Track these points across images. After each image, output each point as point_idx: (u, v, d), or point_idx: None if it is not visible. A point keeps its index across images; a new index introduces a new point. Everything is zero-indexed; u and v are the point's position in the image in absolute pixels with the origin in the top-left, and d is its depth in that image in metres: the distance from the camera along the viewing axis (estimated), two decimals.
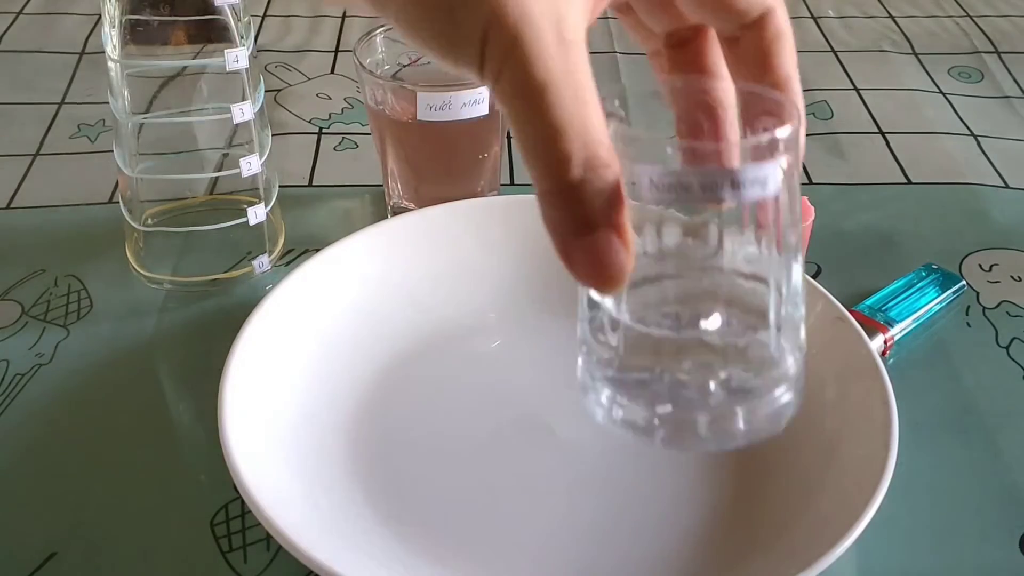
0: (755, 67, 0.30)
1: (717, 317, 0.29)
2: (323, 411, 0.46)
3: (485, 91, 0.53)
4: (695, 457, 0.45)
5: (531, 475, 0.45)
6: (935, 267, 0.56)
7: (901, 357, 0.51)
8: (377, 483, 0.44)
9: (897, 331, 0.51)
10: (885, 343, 0.50)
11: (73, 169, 0.64)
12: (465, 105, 0.53)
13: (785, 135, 0.27)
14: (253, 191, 0.53)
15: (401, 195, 0.58)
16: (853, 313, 0.49)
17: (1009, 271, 0.58)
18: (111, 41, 0.49)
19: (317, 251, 0.51)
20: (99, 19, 0.75)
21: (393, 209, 0.59)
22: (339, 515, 0.41)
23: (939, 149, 0.69)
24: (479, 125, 0.54)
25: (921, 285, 0.54)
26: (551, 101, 0.25)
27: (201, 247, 0.55)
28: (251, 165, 0.52)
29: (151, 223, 0.55)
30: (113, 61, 0.49)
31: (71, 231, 0.59)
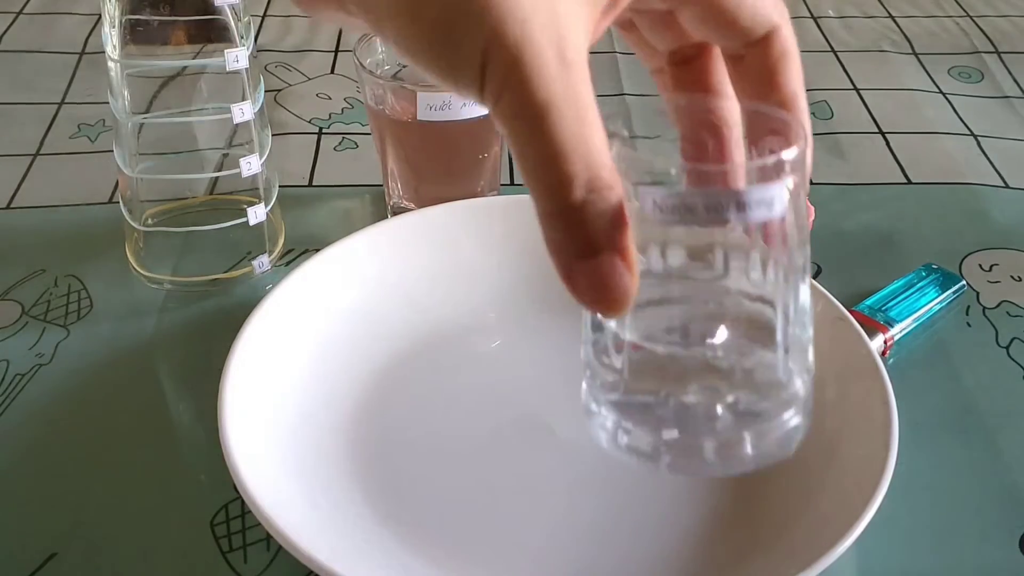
0: (760, 86, 0.30)
1: (723, 337, 0.29)
2: (323, 411, 0.46)
3: None
4: None
5: (531, 475, 0.45)
6: (935, 267, 0.56)
7: (901, 357, 0.51)
8: (377, 483, 0.44)
9: (897, 331, 0.51)
10: (885, 343, 0.50)
11: (73, 169, 0.64)
12: (465, 105, 0.53)
13: (791, 156, 0.27)
14: (253, 191, 0.53)
15: (401, 195, 0.58)
16: (853, 313, 0.49)
17: (1009, 271, 0.58)
18: (111, 41, 0.49)
19: (317, 251, 0.51)
20: (99, 19, 0.75)
21: (393, 209, 0.59)
22: (339, 515, 0.41)
23: (939, 149, 0.69)
24: (479, 125, 0.54)
25: (921, 285, 0.54)
26: (553, 122, 0.25)
27: (201, 247, 0.55)
28: (251, 165, 0.52)
29: (151, 223, 0.55)
30: (113, 61, 0.49)
31: (71, 231, 0.59)
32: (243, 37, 0.50)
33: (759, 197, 0.26)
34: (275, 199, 0.55)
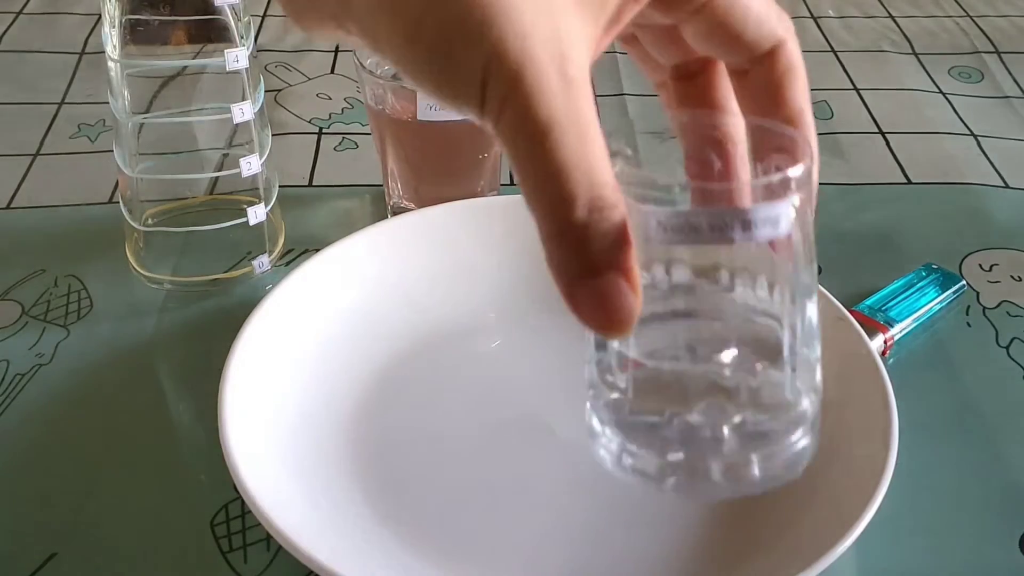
0: (766, 101, 0.30)
1: (730, 354, 0.28)
2: (323, 411, 0.46)
3: None
4: None
5: (531, 475, 0.45)
6: (935, 267, 0.56)
7: (901, 357, 0.51)
8: (377, 483, 0.44)
9: (897, 331, 0.51)
10: (885, 343, 0.50)
11: (73, 169, 0.64)
12: None
13: (798, 174, 0.26)
14: (253, 191, 0.53)
15: (401, 195, 0.58)
16: (853, 313, 0.49)
17: (1009, 271, 0.58)
18: (111, 41, 0.49)
19: (317, 251, 0.51)
20: (99, 19, 0.75)
21: (393, 209, 0.59)
22: (338, 515, 0.41)
23: (939, 149, 0.69)
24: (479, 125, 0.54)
25: (921, 285, 0.54)
26: (554, 141, 0.24)
27: (201, 247, 0.55)
28: (251, 165, 0.52)
29: (151, 223, 0.55)
30: (113, 61, 0.49)
31: (71, 231, 0.59)
32: (243, 37, 0.50)
33: (765, 216, 0.25)
34: (275, 199, 0.55)
